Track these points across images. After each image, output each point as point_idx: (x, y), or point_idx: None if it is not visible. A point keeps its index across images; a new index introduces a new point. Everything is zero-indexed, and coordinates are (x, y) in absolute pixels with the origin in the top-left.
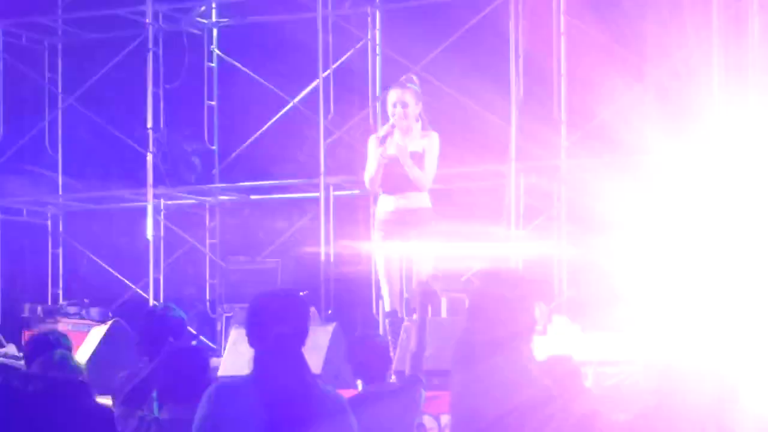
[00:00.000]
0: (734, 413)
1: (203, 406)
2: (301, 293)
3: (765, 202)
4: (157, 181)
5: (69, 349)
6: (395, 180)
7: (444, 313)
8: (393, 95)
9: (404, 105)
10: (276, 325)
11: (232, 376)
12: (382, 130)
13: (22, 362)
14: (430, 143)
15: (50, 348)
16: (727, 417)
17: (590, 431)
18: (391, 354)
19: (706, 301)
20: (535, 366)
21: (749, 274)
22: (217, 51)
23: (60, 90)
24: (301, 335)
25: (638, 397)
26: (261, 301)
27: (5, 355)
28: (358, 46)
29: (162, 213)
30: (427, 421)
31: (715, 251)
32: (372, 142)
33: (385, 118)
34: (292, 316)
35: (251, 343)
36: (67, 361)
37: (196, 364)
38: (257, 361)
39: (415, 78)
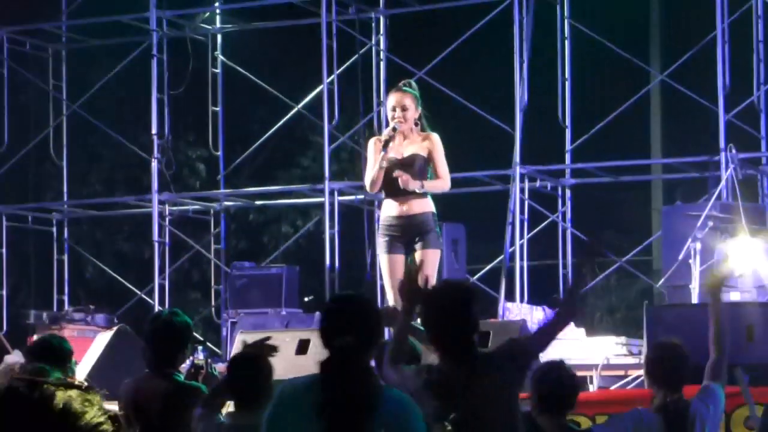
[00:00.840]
0: None
1: (273, 406)
2: (306, 299)
3: None
4: (162, 187)
5: (70, 353)
6: (398, 184)
7: None
8: (392, 99)
9: (404, 108)
10: (341, 334)
11: (299, 377)
12: (384, 135)
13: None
14: (434, 146)
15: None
16: None
17: None
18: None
19: None
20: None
21: None
22: (221, 57)
23: (64, 96)
24: (368, 345)
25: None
26: (331, 305)
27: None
28: (363, 51)
29: (167, 219)
30: None
31: None
32: (371, 145)
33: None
34: (360, 324)
35: (323, 344)
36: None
37: (258, 370)
38: (321, 367)
39: (413, 83)
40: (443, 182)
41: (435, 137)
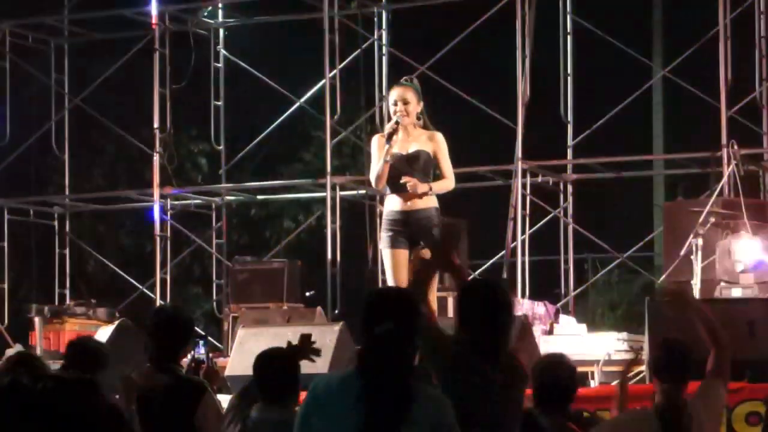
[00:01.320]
0: None
1: (307, 401)
2: (308, 293)
3: None
4: (164, 182)
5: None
6: (404, 176)
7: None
8: (394, 93)
9: (405, 102)
10: (382, 321)
11: (332, 372)
12: (386, 129)
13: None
14: (439, 145)
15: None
16: None
17: None
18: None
19: None
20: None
21: None
22: (223, 51)
23: (66, 90)
24: (408, 332)
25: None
26: (372, 297)
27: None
28: (365, 46)
29: (169, 213)
30: None
31: None
32: (376, 141)
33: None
34: (400, 312)
35: (359, 339)
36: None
37: (287, 367)
38: (364, 356)
39: (414, 79)
40: (448, 182)
41: (439, 137)
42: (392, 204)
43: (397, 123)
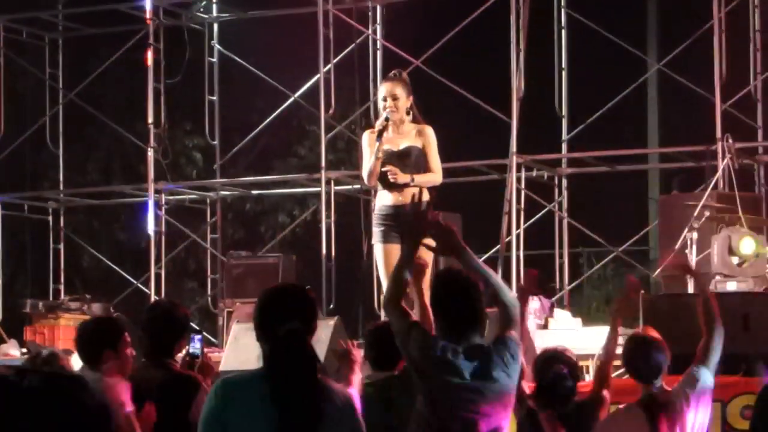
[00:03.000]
0: None
1: (210, 401)
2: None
3: None
4: (159, 176)
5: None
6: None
7: None
8: (383, 89)
9: (395, 98)
10: (286, 319)
11: (237, 371)
12: (377, 126)
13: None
14: (428, 140)
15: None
16: None
17: None
18: None
19: None
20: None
21: None
22: (217, 46)
23: (61, 85)
24: (311, 329)
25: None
26: (270, 295)
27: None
28: (359, 40)
29: (163, 208)
30: None
31: None
32: (366, 137)
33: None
34: (302, 310)
35: (261, 338)
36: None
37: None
38: (269, 355)
39: (403, 73)
40: (435, 176)
41: (429, 131)
42: (384, 199)
43: (387, 120)
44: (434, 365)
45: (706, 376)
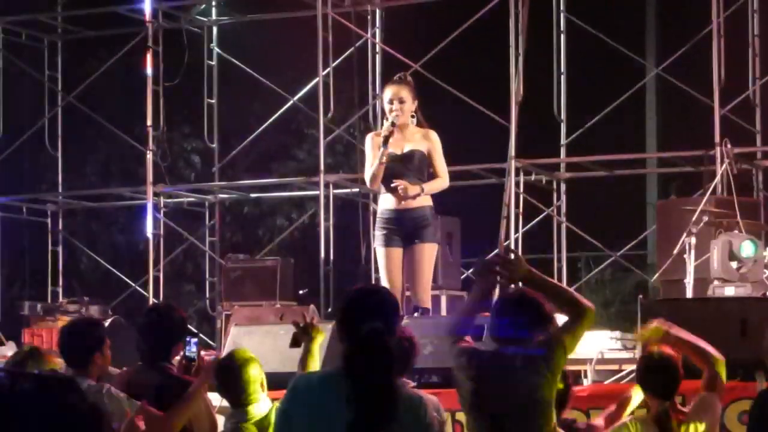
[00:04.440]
0: None
1: (287, 399)
2: (301, 291)
3: None
4: (157, 179)
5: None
6: (398, 176)
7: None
8: (389, 92)
9: (401, 101)
10: (368, 319)
11: (312, 372)
12: (383, 131)
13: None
14: (433, 144)
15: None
16: None
17: None
18: None
19: None
20: None
21: None
22: (216, 49)
23: (60, 87)
24: (392, 330)
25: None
26: (353, 295)
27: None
28: (358, 44)
29: (162, 211)
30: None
31: None
32: (370, 140)
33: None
34: (384, 311)
35: (342, 338)
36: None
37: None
38: (348, 354)
39: (408, 76)
40: (442, 181)
41: (434, 135)
42: (386, 203)
43: (393, 124)
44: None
45: (715, 402)
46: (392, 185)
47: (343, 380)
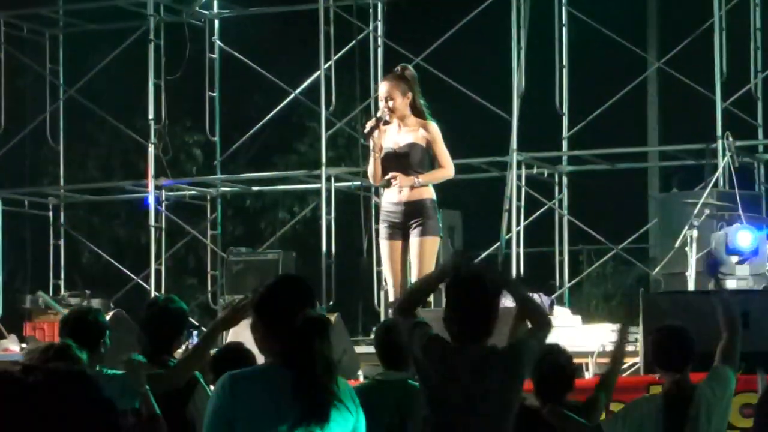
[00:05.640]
0: None
1: (217, 397)
2: None
3: None
4: (159, 173)
5: (104, 330)
6: (397, 172)
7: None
8: (381, 88)
9: (389, 100)
10: (299, 308)
11: (245, 368)
12: (368, 124)
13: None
14: (433, 135)
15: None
16: None
17: None
18: None
19: None
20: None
21: None
22: (218, 42)
23: (61, 81)
24: (325, 319)
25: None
26: (274, 287)
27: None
28: (360, 37)
29: (163, 204)
30: None
31: None
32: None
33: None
34: (310, 298)
35: (269, 332)
36: (68, 351)
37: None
38: (287, 347)
39: (409, 67)
40: (445, 171)
41: (433, 127)
42: (388, 197)
43: (379, 119)
44: (432, 365)
45: (730, 376)
46: (386, 178)
47: (283, 373)
